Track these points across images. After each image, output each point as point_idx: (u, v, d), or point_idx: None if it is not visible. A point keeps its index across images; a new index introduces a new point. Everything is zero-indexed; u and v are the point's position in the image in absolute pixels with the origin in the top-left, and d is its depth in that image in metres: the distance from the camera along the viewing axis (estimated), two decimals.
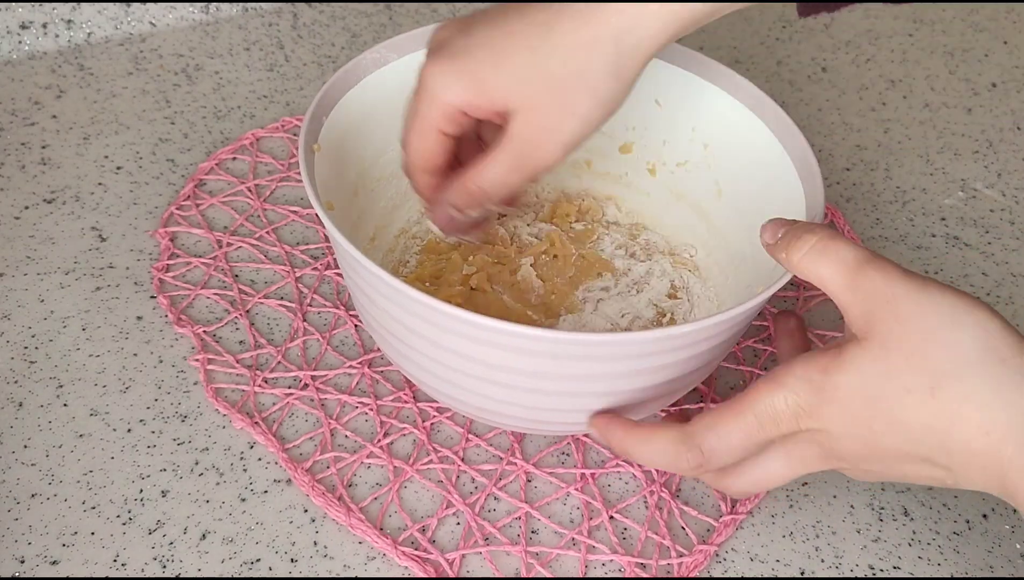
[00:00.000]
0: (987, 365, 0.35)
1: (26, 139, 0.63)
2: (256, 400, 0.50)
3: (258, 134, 0.64)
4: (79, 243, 0.57)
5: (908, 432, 0.36)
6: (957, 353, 0.35)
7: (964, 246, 0.62)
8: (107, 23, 0.70)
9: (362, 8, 0.76)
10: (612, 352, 0.40)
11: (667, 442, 0.39)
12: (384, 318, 0.43)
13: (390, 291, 0.40)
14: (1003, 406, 0.34)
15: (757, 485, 0.40)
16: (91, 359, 0.51)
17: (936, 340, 0.35)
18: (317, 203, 0.42)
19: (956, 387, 0.35)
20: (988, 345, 0.35)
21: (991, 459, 0.35)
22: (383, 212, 0.54)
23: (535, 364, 0.40)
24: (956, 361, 0.35)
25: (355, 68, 0.50)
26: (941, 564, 0.46)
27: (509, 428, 0.49)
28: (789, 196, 0.47)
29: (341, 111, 0.49)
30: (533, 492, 0.47)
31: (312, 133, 0.46)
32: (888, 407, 0.36)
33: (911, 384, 0.35)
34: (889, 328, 0.36)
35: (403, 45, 0.51)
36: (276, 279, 0.56)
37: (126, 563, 0.43)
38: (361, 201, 0.52)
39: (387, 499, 0.46)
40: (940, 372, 0.35)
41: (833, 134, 0.70)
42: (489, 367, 0.41)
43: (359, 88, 0.50)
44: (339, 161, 0.49)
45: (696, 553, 0.45)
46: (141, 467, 0.47)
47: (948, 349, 0.35)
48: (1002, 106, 0.73)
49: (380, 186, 0.53)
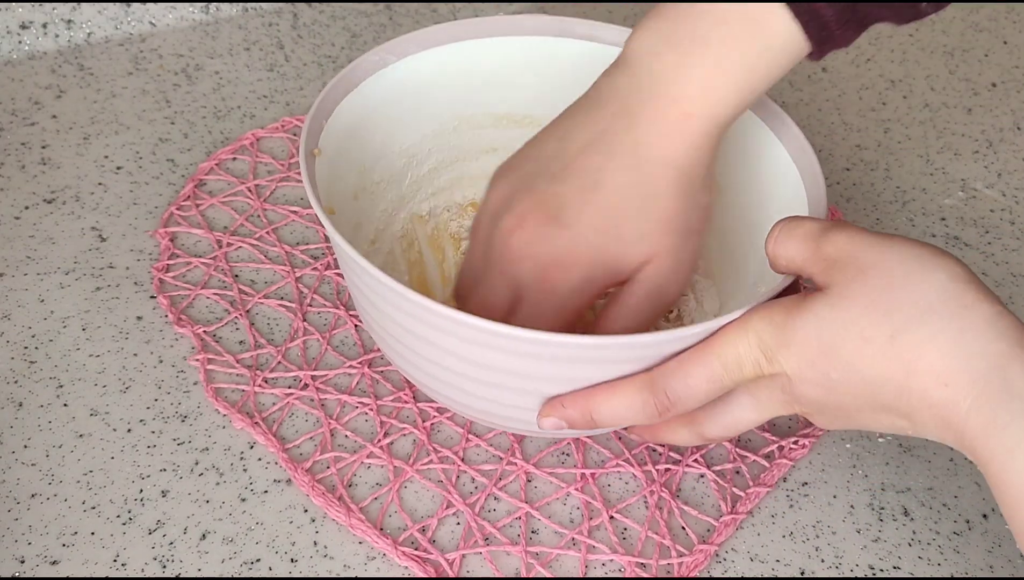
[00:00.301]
0: (950, 311, 0.34)
1: (26, 139, 0.63)
2: (256, 400, 0.50)
3: (258, 134, 0.64)
4: (79, 243, 0.57)
5: (866, 381, 0.35)
6: (918, 299, 0.34)
7: (964, 246, 0.62)
8: (107, 23, 0.70)
9: (362, 8, 0.76)
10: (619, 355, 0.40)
11: (633, 391, 0.39)
12: (384, 320, 0.43)
13: (387, 293, 0.40)
14: (966, 356, 0.33)
15: (729, 429, 0.41)
16: (91, 359, 0.51)
17: (897, 287, 0.35)
18: (318, 207, 0.42)
19: (916, 333, 0.34)
20: (951, 292, 0.34)
21: (950, 411, 0.34)
22: (383, 215, 0.54)
23: (527, 366, 0.40)
24: (918, 306, 0.34)
25: (354, 71, 0.50)
26: (941, 564, 0.46)
27: (509, 430, 0.49)
28: (791, 195, 0.47)
29: (341, 114, 0.49)
30: (533, 492, 0.47)
31: (312, 137, 0.46)
32: (845, 355, 0.36)
33: (869, 333, 0.35)
34: (851, 277, 0.36)
35: (403, 48, 0.51)
36: (276, 279, 0.56)
37: (126, 563, 0.43)
38: (361, 204, 0.52)
39: (387, 499, 0.46)
40: (900, 319, 0.34)
41: (833, 134, 0.70)
42: (483, 368, 0.41)
43: (358, 91, 0.50)
44: (339, 164, 0.49)
45: (696, 553, 0.45)
46: (141, 467, 0.47)
47: (910, 296, 0.35)
48: (1002, 106, 0.73)
49: (380, 189, 0.53)
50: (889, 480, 0.49)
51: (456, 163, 0.57)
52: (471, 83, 0.54)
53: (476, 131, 0.56)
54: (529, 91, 0.55)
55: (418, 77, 0.52)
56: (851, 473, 0.49)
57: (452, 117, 0.55)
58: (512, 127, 0.56)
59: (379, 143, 0.52)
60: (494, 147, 0.57)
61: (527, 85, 0.55)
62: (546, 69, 0.55)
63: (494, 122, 0.56)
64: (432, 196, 0.57)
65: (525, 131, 0.56)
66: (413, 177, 0.55)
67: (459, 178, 0.57)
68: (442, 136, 0.56)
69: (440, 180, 0.57)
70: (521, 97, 0.56)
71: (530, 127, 0.55)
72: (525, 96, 0.56)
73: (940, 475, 0.50)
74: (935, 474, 0.50)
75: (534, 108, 0.55)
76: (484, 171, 0.57)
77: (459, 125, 0.56)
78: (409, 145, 0.54)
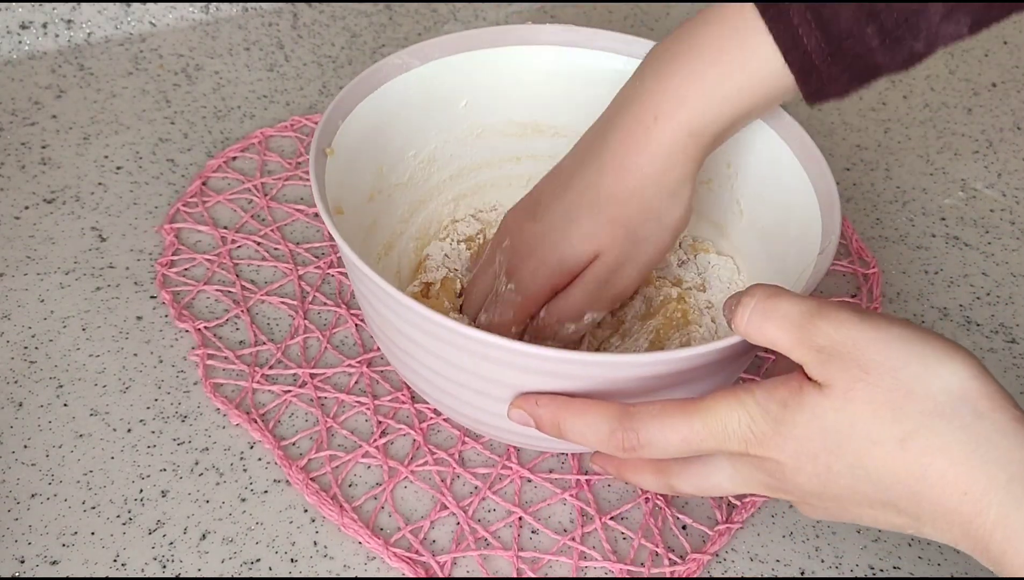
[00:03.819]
0: (961, 419, 0.33)
1: (26, 139, 0.63)
2: (254, 397, 0.50)
3: (267, 133, 0.64)
4: (79, 243, 0.57)
5: (872, 479, 0.34)
6: (928, 405, 0.33)
7: (964, 246, 0.62)
8: (107, 23, 0.70)
9: (362, 8, 0.76)
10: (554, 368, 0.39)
11: (604, 417, 0.38)
12: (379, 320, 0.43)
13: (386, 297, 0.40)
14: (981, 464, 0.32)
15: (701, 490, 0.39)
16: (91, 359, 0.51)
17: (905, 392, 0.33)
18: (323, 207, 0.42)
19: (928, 441, 0.33)
20: (963, 397, 0.33)
21: (970, 519, 0.33)
22: (400, 217, 0.54)
23: (522, 380, 0.39)
24: (928, 413, 0.33)
25: (376, 73, 0.49)
26: (941, 564, 0.46)
27: (497, 439, 0.48)
28: (807, 223, 0.46)
29: (359, 115, 0.48)
30: (527, 496, 0.47)
31: (326, 136, 0.46)
32: (852, 454, 0.34)
33: (878, 435, 0.34)
34: (854, 377, 0.34)
35: (426, 52, 0.51)
36: (278, 277, 0.56)
37: (126, 563, 0.43)
38: (377, 206, 0.51)
39: (381, 499, 0.46)
40: (911, 425, 0.33)
41: (833, 134, 0.70)
42: (486, 381, 0.40)
43: (379, 93, 0.49)
44: (355, 165, 0.48)
45: (689, 561, 0.45)
46: (141, 467, 0.47)
47: (919, 401, 0.33)
48: (1002, 106, 0.73)
49: (397, 192, 0.53)
50: None
51: (478, 170, 0.57)
52: (495, 91, 0.54)
53: (500, 139, 0.56)
54: (553, 101, 0.55)
55: (441, 82, 0.52)
56: None
57: (475, 124, 0.55)
58: (535, 137, 0.56)
59: (398, 146, 0.52)
60: (517, 156, 0.57)
61: (551, 95, 0.55)
62: (570, 80, 0.54)
63: (519, 131, 0.56)
64: (452, 201, 0.57)
65: (549, 141, 0.56)
66: (433, 182, 0.55)
67: (480, 185, 0.57)
68: (465, 142, 0.55)
69: (461, 186, 0.57)
70: (545, 107, 0.55)
71: (554, 137, 0.56)
72: (549, 106, 0.55)
73: None
74: None
75: (558, 118, 0.55)
76: (507, 179, 0.57)
77: (483, 132, 0.55)
78: (430, 149, 0.54)
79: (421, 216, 0.55)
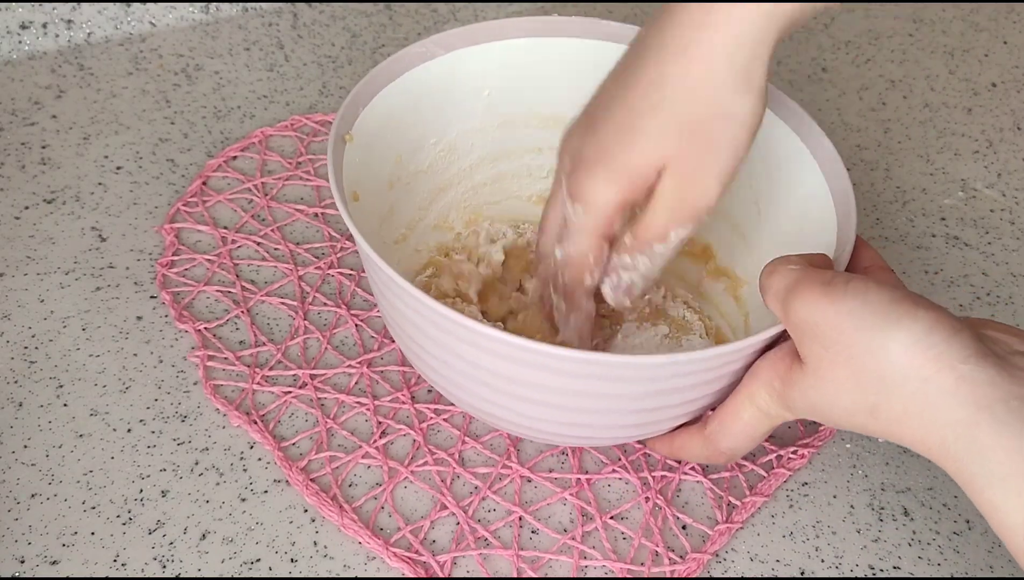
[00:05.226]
0: (912, 387, 0.35)
1: (26, 139, 0.63)
2: (254, 398, 0.50)
3: (267, 132, 0.64)
4: (79, 243, 0.57)
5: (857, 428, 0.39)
6: (881, 378, 0.36)
7: (964, 246, 0.62)
8: (107, 23, 0.70)
9: (362, 8, 0.76)
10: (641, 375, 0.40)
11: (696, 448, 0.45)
12: (401, 320, 0.43)
13: (401, 292, 0.40)
14: (934, 428, 0.35)
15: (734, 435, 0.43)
16: (91, 359, 0.51)
17: (859, 365, 0.36)
18: (338, 195, 0.42)
19: (889, 411, 0.36)
20: (908, 364, 0.35)
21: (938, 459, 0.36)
22: (419, 205, 0.54)
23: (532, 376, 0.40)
24: (883, 382, 0.36)
25: (398, 61, 0.49)
26: (941, 564, 0.46)
27: (517, 435, 0.48)
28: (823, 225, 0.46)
29: (380, 102, 0.48)
30: (528, 496, 0.47)
31: (347, 122, 0.46)
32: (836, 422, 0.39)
33: (852, 408, 0.37)
34: (819, 354, 0.37)
35: (450, 41, 0.51)
36: (278, 277, 0.56)
37: (126, 563, 0.43)
38: (396, 194, 0.51)
39: (381, 500, 0.46)
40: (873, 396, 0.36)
41: (833, 134, 0.70)
42: (509, 381, 0.41)
43: (400, 81, 0.50)
44: (374, 152, 0.48)
45: (689, 561, 0.45)
46: (141, 467, 0.47)
47: (873, 374, 0.36)
48: (1002, 106, 0.73)
49: (416, 180, 0.53)
50: (889, 480, 0.49)
51: (499, 160, 0.57)
52: (518, 81, 0.54)
53: (522, 130, 0.56)
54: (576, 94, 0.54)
55: (463, 72, 0.52)
56: (851, 473, 0.49)
57: (497, 114, 0.55)
58: (558, 128, 0.55)
59: (418, 134, 0.52)
60: (539, 147, 0.57)
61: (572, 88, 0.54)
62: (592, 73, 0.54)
63: (541, 123, 0.56)
64: (472, 190, 0.57)
65: None
66: (453, 170, 0.55)
67: (501, 175, 0.57)
68: (486, 132, 0.55)
69: (481, 175, 0.57)
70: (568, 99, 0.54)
71: None
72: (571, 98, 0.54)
73: (940, 475, 0.50)
74: (935, 474, 0.50)
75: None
76: (527, 169, 0.57)
77: (504, 122, 0.55)
78: (451, 138, 0.54)
79: (440, 204, 0.55)
